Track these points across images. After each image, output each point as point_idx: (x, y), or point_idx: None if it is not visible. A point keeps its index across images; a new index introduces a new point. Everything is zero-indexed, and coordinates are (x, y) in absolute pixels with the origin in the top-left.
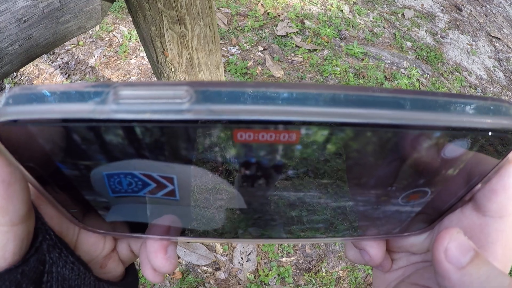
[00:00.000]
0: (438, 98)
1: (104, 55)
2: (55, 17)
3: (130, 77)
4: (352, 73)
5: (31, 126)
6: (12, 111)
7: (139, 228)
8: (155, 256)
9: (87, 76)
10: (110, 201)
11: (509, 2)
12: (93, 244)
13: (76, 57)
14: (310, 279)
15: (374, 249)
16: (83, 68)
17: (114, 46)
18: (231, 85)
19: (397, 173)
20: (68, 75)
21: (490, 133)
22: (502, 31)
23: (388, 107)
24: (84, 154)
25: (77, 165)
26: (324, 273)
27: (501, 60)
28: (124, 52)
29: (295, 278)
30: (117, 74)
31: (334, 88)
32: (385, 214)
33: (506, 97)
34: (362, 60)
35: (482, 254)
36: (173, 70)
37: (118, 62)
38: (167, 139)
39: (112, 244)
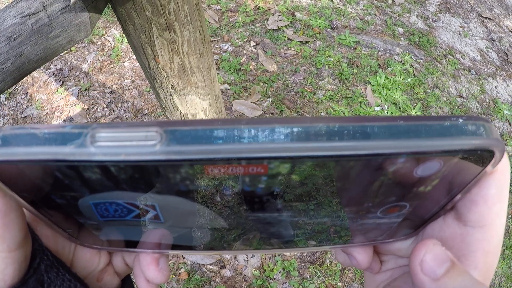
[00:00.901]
0: (405, 123)
1: (97, 60)
2: (44, 32)
3: (124, 80)
4: (346, 63)
5: (20, 164)
6: (2, 152)
7: (132, 242)
8: (148, 269)
9: (82, 81)
10: (100, 224)
11: None
12: (89, 260)
13: (69, 63)
14: (315, 271)
15: (361, 255)
16: (77, 74)
17: (106, 50)
18: (199, 123)
19: (372, 193)
20: (63, 82)
21: (461, 154)
22: (493, 11)
23: (353, 139)
24: (69, 188)
25: (65, 196)
26: (328, 265)
27: (493, 40)
28: (117, 55)
29: (300, 271)
30: (111, 78)
31: (297, 122)
32: (367, 225)
33: (501, 77)
34: (355, 49)
35: (458, 265)
36: (165, 75)
37: (112, 65)
38: (143, 175)
39: (107, 258)
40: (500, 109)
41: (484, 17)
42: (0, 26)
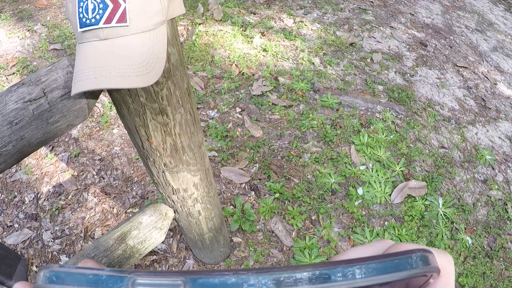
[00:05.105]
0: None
1: (86, 126)
2: (45, 118)
3: (113, 148)
4: (329, 124)
5: None
6: None
7: None
8: None
9: (71, 148)
10: None
11: (471, 29)
12: None
13: None
14: None
15: None
16: (66, 139)
17: (96, 117)
18: (217, 273)
19: None
20: (52, 147)
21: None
22: (467, 59)
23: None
24: None
25: None
26: None
27: (470, 88)
28: (106, 122)
29: None
30: (100, 145)
31: (314, 266)
32: None
33: (480, 123)
34: (338, 110)
35: None
36: (158, 155)
37: (101, 132)
38: None
39: None
40: (482, 155)
41: (459, 66)
42: (2, 110)
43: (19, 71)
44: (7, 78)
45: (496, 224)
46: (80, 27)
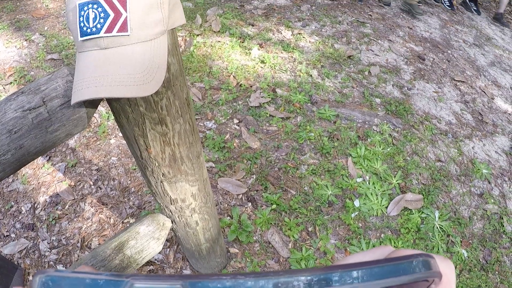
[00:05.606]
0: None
1: (83, 136)
2: (44, 127)
3: (110, 158)
4: (326, 136)
5: None
6: None
7: None
8: None
9: (68, 157)
10: None
11: (469, 43)
12: None
13: None
14: None
15: None
16: (63, 149)
17: (93, 127)
18: (216, 277)
19: None
20: (49, 157)
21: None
22: (465, 74)
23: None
24: None
25: None
26: None
27: (467, 102)
28: (103, 132)
29: None
30: (97, 155)
31: (313, 271)
32: None
33: (477, 137)
34: (335, 122)
35: None
36: (157, 165)
37: (98, 142)
38: None
39: None
40: (478, 169)
41: (456, 80)
42: (1, 118)
43: (16, 80)
44: (4, 88)
45: (492, 238)
46: (81, 36)
